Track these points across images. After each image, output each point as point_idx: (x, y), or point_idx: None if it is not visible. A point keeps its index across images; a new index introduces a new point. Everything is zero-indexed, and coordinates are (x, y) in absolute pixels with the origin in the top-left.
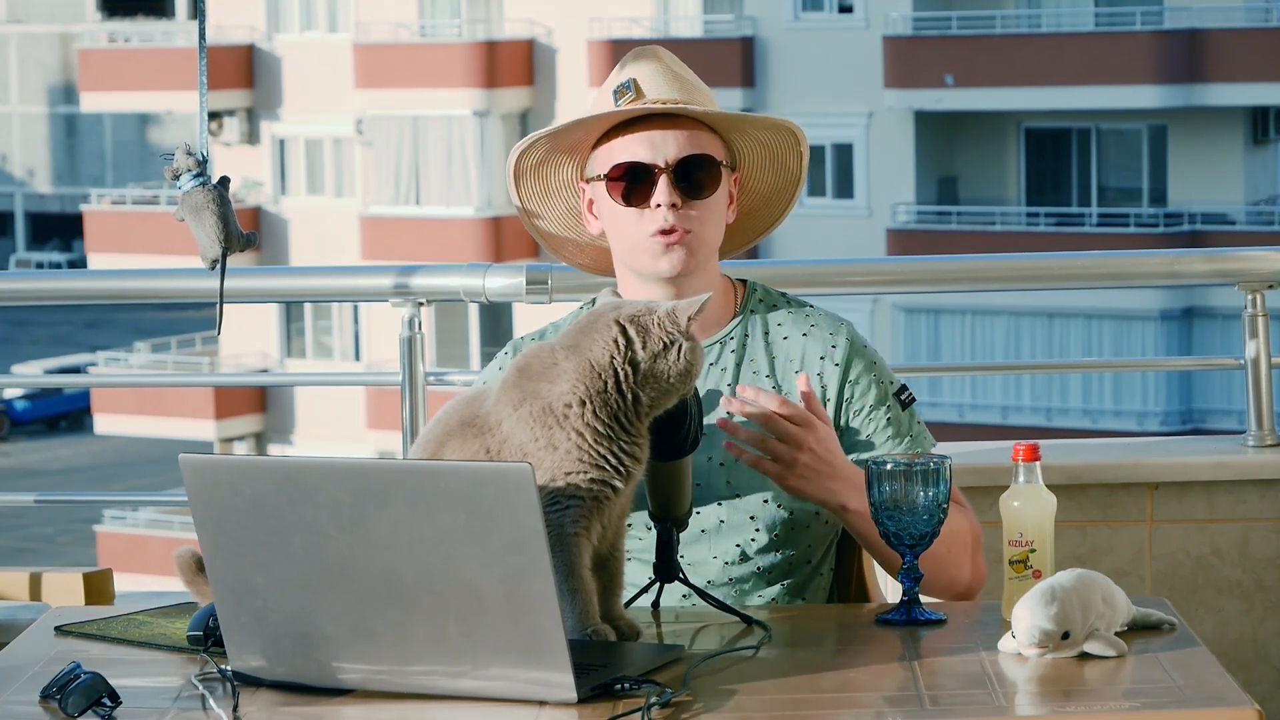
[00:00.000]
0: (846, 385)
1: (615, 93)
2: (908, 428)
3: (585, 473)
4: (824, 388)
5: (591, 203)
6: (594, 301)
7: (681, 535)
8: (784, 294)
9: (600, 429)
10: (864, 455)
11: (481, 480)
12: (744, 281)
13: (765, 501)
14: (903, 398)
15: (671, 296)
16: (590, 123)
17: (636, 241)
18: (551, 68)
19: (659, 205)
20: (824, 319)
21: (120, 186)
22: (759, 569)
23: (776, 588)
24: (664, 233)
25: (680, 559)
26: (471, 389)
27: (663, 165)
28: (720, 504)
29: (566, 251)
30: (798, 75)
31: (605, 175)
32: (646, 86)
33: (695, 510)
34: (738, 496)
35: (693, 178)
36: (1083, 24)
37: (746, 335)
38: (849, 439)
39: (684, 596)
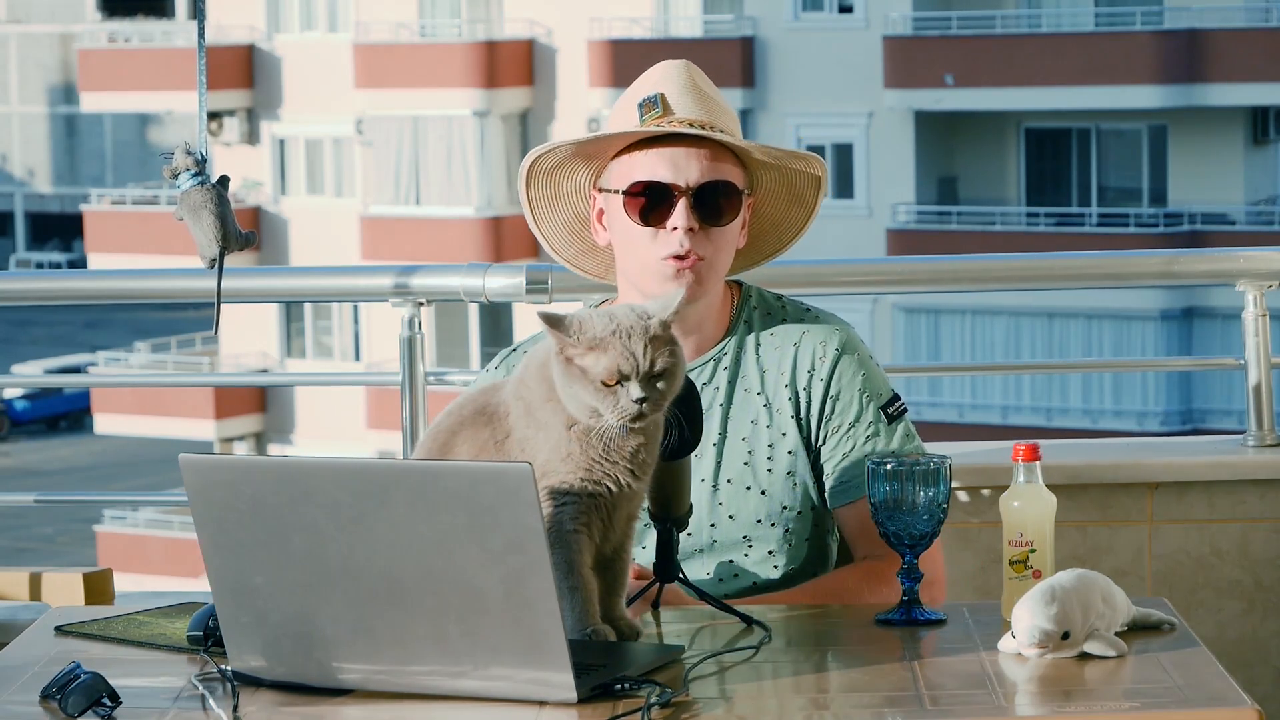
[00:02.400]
0: (827, 401)
1: (641, 106)
2: (886, 444)
3: (574, 472)
4: (809, 403)
5: (602, 213)
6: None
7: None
8: (779, 297)
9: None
10: (839, 470)
11: (481, 480)
12: (739, 285)
13: (758, 521)
14: (890, 410)
15: None
16: (616, 138)
17: (647, 263)
18: (551, 68)
19: (675, 228)
20: (818, 326)
21: (120, 186)
22: (754, 585)
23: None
24: (678, 258)
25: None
26: (480, 383)
27: (684, 187)
28: (713, 524)
29: (567, 256)
30: (798, 75)
31: (624, 190)
32: (675, 103)
33: (688, 533)
34: (731, 517)
35: (713, 204)
36: (1083, 24)
37: (740, 351)
38: (825, 453)
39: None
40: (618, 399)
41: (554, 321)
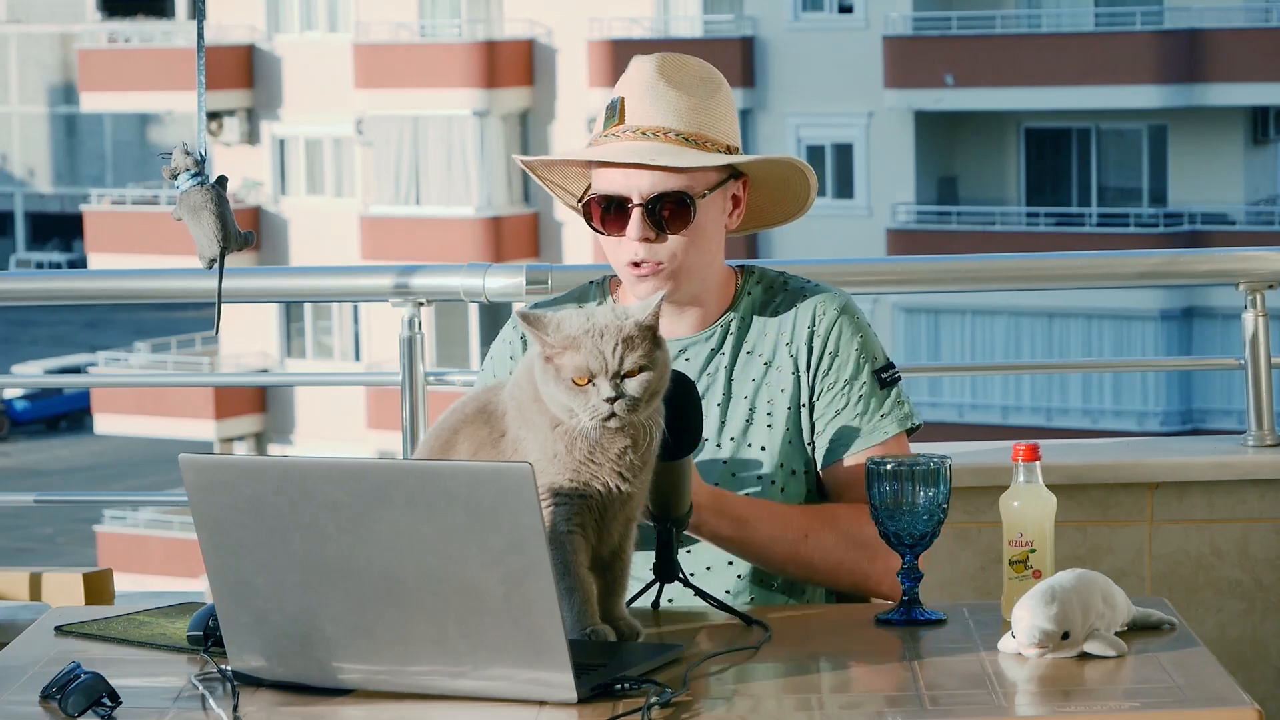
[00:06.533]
0: (825, 356)
1: (606, 110)
2: (878, 407)
3: (561, 473)
4: (807, 357)
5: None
6: (604, 281)
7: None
8: (782, 273)
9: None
10: (831, 427)
11: (481, 480)
12: (743, 267)
13: (760, 477)
14: (884, 375)
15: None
16: (564, 165)
17: (615, 263)
18: (551, 68)
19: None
20: (820, 293)
21: (120, 186)
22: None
23: (777, 577)
24: (636, 264)
25: (685, 551)
26: (492, 357)
27: (636, 200)
28: (715, 482)
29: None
30: (798, 75)
31: (585, 200)
32: (632, 109)
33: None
34: (734, 475)
35: (662, 214)
36: (1083, 24)
37: (744, 320)
38: (819, 409)
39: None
40: (589, 398)
41: (532, 320)
